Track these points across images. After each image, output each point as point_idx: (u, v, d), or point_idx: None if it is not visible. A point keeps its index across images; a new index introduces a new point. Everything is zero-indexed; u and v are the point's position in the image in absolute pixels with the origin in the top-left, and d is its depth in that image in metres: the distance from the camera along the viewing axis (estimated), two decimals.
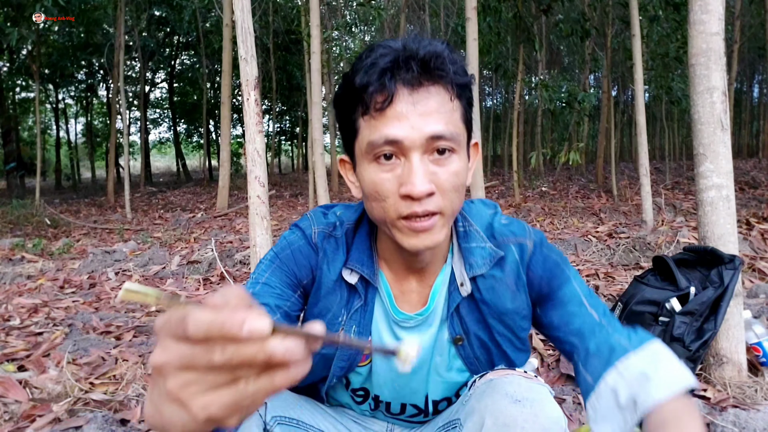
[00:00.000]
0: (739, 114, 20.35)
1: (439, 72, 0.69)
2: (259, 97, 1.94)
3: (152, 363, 0.38)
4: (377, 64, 0.68)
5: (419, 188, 0.68)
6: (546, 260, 0.83)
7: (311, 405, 0.93)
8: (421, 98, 0.68)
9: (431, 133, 0.68)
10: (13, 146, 13.84)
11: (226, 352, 0.35)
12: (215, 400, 0.37)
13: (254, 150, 1.92)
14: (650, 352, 0.73)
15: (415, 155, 0.69)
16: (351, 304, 0.84)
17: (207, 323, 0.35)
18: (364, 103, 0.69)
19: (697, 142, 1.74)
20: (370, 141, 0.70)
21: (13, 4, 8.58)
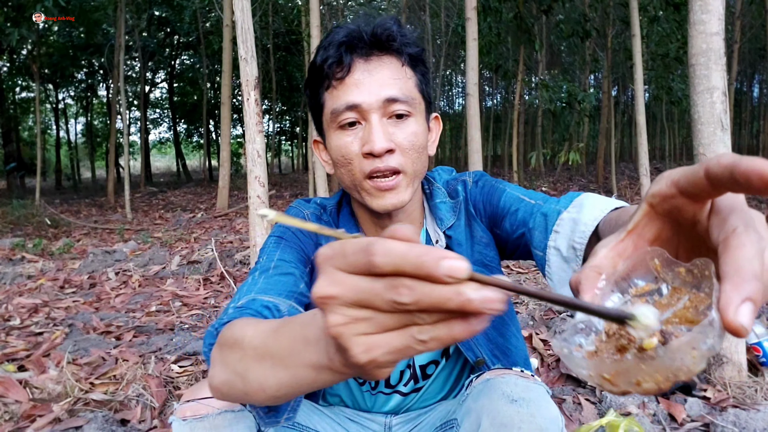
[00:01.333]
0: (739, 114, 20.36)
1: (389, 43, 0.77)
2: (259, 97, 1.94)
3: (318, 294, 0.34)
4: (333, 41, 0.76)
5: (378, 145, 0.74)
6: (483, 185, 0.91)
7: (307, 406, 0.93)
8: (375, 67, 0.76)
9: (387, 96, 0.75)
10: (13, 146, 13.86)
11: (415, 292, 0.31)
12: (383, 344, 0.33)
13: (254, 150, 1.92)
14: (577, 203, 0.72)
15: (374, 116, 0.76)
16: None
17: (401, 255, 0.31)
18: (326, 77, 0.77)
19: (697, 142, 1.74)
20: (333, 109, 0.77)
21: (13, 4, 8.59)
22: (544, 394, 0.73)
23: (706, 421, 1.52)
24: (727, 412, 1.52)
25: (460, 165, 15.08)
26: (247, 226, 5.74)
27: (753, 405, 1.56)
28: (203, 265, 3.86)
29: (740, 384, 1.67)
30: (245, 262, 3.88)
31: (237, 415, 0.76)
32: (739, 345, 1.71)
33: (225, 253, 4.08)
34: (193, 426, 0.74)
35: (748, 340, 1.77)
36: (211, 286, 3.39)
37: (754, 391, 1.64)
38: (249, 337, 0.52)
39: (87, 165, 24.22)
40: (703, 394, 1.67)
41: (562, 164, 9.12)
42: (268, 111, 18.13)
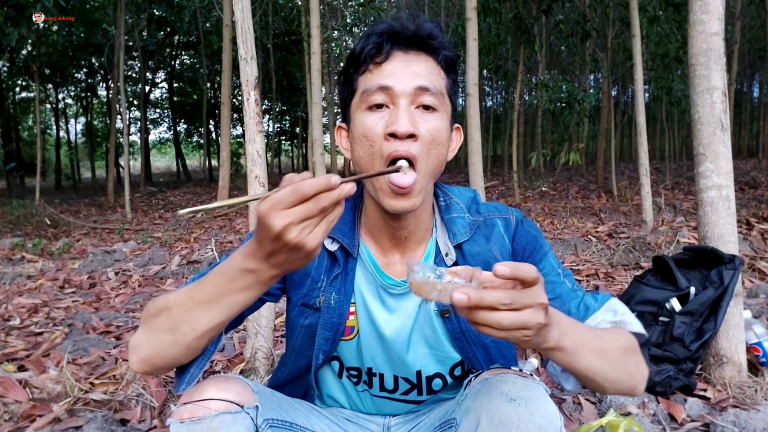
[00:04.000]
0: (739, 114, 20.35)
1: (429, 43, 0.80)
2: (259, 97, 1.94)
3: (274, 227, 0.59)
4: (375, 30, 0.80)
5: (403, 127, 0.77)
6: (528, 234, 0.92)
7: (305, 407, 0.93)
8: (412, 60, 0.80)
9: (419, 84, 0.78)
10: (13, 146, 13.85)
11: (327, 196, 0.58)
12: (321, 231, 0.61)
13: (254, 150, 1.92)
14: (612, 307, 0.86)
15: (403, 101, 0.78)
16: (331, 271, 0.89)
17: (316, 184, 0.58)
18: (364, 61, 0.80)
19: (697, 142, 1.74)
20: (365, 89, 0.80)
21: (13, 4, 8.58)
22: (543, 393, 0.73)
23: (706, 421, 1.52)
24: (727, 412, 1.52)
25: (460, 165, 15.08)
26: (247, 226, 5.74)
27: (753, 405, 1.56)
28: (203, 265, 3.86)
29: (740, 384, 1.67)
30: None
31: (235, 417, 0.76)
32: (739, 345, 1.71)
33: (225, 253, 4.08)
34: (191, 428, 0.73)
35: (748, 340, 1.77)
36: None
37: (754, 391, 1.64)
38: (172, 299, 0.72)
39: (87, 165, 24.21)
40: (703, 394, 1.67)
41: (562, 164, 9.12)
42: (268, 111, 18.12)
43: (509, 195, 8.11)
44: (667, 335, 1.74)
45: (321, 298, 0.89)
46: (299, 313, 0.91)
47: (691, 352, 1.68)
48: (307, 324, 0.90)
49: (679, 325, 1.72)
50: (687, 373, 1.68)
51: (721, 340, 1.71)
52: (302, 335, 0.91)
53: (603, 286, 2.95)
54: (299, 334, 0.91)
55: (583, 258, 3.64)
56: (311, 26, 4.69)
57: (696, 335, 1.69)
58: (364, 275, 0.90)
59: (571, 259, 3.62)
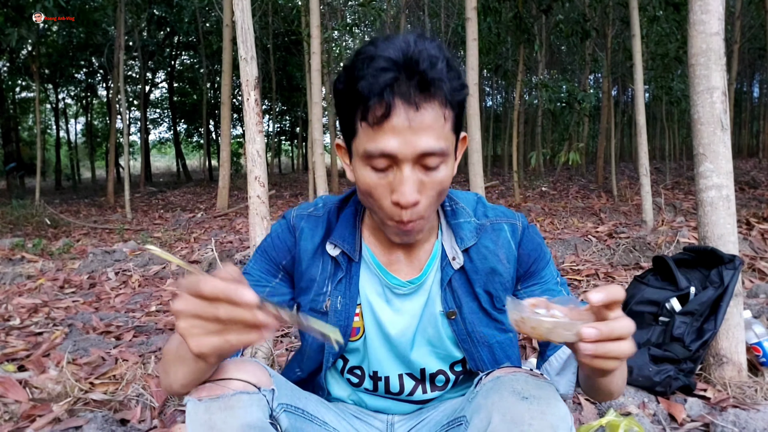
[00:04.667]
0: (739, 114, 20.36)
1: (436, 90, 0.73)
2: (259, 97, 1.94)
3: (173, 308, 0.56)
4: (379, 77, 0.71)
5: (408, 197, 0.75)
6: (533, 241, 0.93)
7: (315, 399, 0.95)
8: (416, 115, 0.72)
9: (423, 150, 0.73)
10: (13, 146, 13.85)
11: (226, 310, 0.53)
12: (207, 342, 0.56)
13: (254, 150, 1.92)
14: None
15: (407, 167, 0.74)
16: (335, 276, 0.91)
17: (219, 288, 0.53)
18: (364, 109, 0.73)
19: (697, 142, 1.74)
20: (367, 150, 0.75)
21: (12, 4, 8.58)
22: (554, 392, 0.74)
23: (706, 421, 1.52)
24: (727, 412, 1.52)
25: (460, 165, 15.01)
26: (247, 226, 5.74)
27: (753, 405, 1.56)
28: (203, 265, 3.86)
29: (740, 384, 1.67)
30: (245, 262, 3.89)
31: (252, 397, 0.76)
32: (739, 345, 1.71)
33: (225, 253, 4.08)
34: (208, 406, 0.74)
35: (748, 340, 1.77)
36: None
37: (754, 391, 1.64)
38: (167, 348, 0.76)
39: (87, 165, 24.21)
40: (703, 394, 1.67)
41: (562, 164, 9.12)
42: (268, 111, 18.12)
43: (509, 195, 8.11)
44: (667, 335, 1.74)
45: (327, 303, 0.90)
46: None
47: (691, 352, 1.68)
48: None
49: (679, 325, 1.72)
50: (687, 373, 1.68)
51: (721, 340, 1.71)
52: (312, 339, 0.93)
53: (603, 286, 2.94)
54: (310, 338, 0.93)
55: (583, 258, 3.64)
56: (311, 26, 4.70)
57: (696, 335, 1.69)
58: (368, 277, 0.91)
59: (571, 259, 3.62)
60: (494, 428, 0.70)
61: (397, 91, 0.71)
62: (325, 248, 0.90)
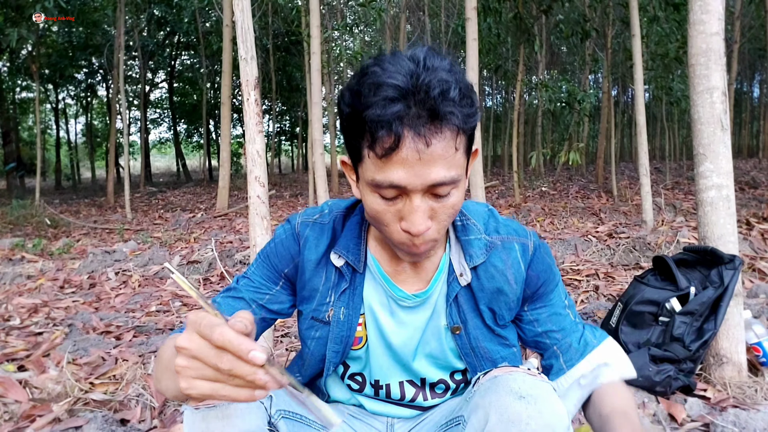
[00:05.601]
0: (739, 114, 20.36)
1: (447, 120, 0.68)
2: (259, 97, 1.94)
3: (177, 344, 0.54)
4: (387, 108, 0.66)
5: (418, 227, 0.72)
6: (543, 262, 0.91)
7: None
8: (426, 146, 0.68)
9: (433, 182, 0.70)
10: (13, 146, 13.84)
11: (230, 362, 0.51)
12: (198, 386, 0.54)
13: (254, 150, 1.92)
14: (608, 346, 0.93)
15: (417, 197, 0.71)
16: (338, 286, 0.89)
17: (229, 339, 0.51)
18: (371, 139, 0.68)
19: (697, 142, 1.74)
20: (374, 180, 0.71)
21: (12, 5, 8.58)
22: (552, 391, 0.74)
23: (706, 421, 1.52)
24: (727, 412, 1.52)
25: None
26: (247, 226, 5.74)
27: (753, 405, 1.56)
28: (203, 265, 3.86)
29: (740, 384, 1.67)
30: (245, 262, 3.88)
31: (249, 405, 0.77)
32: (739, 345, 1.71)
33: (225, 253, 4.08)
34: (205, 415, 0.74)
35: (748, 340, 1.77)
36: (211, 286, 3.39)
37: (754, 391, 1.64)
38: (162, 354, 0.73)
39: (87, 165, 24.21)
40: (703, 394, 1.67)
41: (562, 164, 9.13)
42: (268, 111, 18.12)
43: (509, 195, 8.11)
44: (667, 335, 1.74)
45: (330, 312, 0.89)
46: (310, 326, 0.91)
47: (691, 352, 1.68)
48: (317, 336, 0.91)
49: (679, 325, 1.72)
50: (687, 373, 1.68)
51: (721, 340, 1.71)
52: (314, 346, 0.92)
53: (603, 286, 2.95)
54: (311, 345, 0.92)
55: (583, 258, 3.64)
56: (311, 26, 4.70)
57: (696, 335, 1.69)
58: (373, 287, 0.90)
59: (571, 259, 3.62)
60: (491, 428, 0.70)
61: (406, 123, 0.66)
62: (329, 258, 0.88)
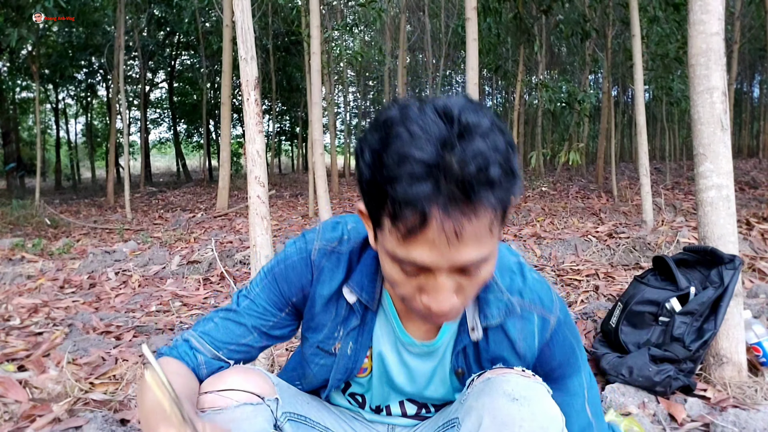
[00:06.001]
0: (739, 114, 20.36)
1: (484, 201, 0.57)
2: (259, 98, 1.94)
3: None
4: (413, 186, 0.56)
5: (441, 307, 0.64)
6: (563, 343, 0.83)
7: (318, 403, 0.95)
8: (457, 228, 0.58)
9: (463, 264, 0.61)
10: (13, 146, 13.84)
11: None
12: None
13: (254, 150, 1.92)
14: None
15: (442, 275, 0.63)
16: (348, 322, 0.84)
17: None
18: (393, 213, 0.59)
19: (697, 142, 1.74)
20: (395, 254, 0.63)
21: (12, 5, 8.58)
22: (545, 393, 0.73)
23: (706, 421, 1.52)
24: (727, 412, 1.52)
25: None
26: (246, 226, 5.74)
27: (753, 405, 1.56)
28: (203, 265, 3.86)
29: (740, 384, 1.67)
30: (245, 262, 3.88)
31: (256, 409, 0.76)
32: (739, 345, 1.71)
33: (225, 253, 4.08)
34: (212, 418, 0.74)
35: (748, 340, 1.77)
36: (211, 286, 3.39)
37: (754, 391, 1.64)
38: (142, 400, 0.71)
39: (87, 165, 24.17)
40: (703, 394, 1.67)
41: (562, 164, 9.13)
42: (268, 111, 18.12)
43: None
44: (667, 335, 1.74)
45: (337, 346, 0.85)
46: (315, 353, 0.88)
47: (691, 352, 1.68)
48: (322, 363, 0.88)
49: (679, 325, 1.72)
50: (687, 373, 1.68)
51: (721, 340, 1.71)
52: (317, 370, 0.89)
53: (603, 286, 2.95)
54: (314, 368, 0.89)
55: (583, 258, 3.64)
56: (311, 26, 4.69)
57: (696, 335, 1.69)
58: (383, 326, 0.86)
59: (571, 259, 3.62)
60: (485, 430, 0.70)
61: (435, 202, 0.56)
62: (341, 292, 0.82)
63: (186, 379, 0.78)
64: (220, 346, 0.84)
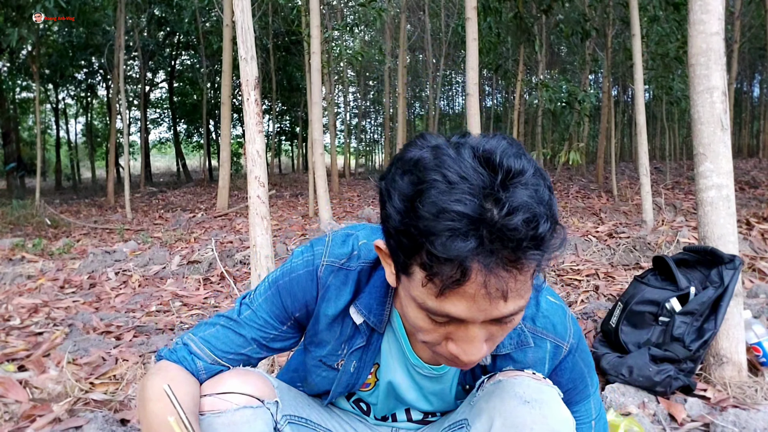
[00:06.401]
0: (739, 114, 20.35)
1: (533, 258, 0.53)
2: (259, 97, 1.94)
3: None
4: (455, 243, 0.52)
5: (472, 358, 0.61)
6: (573, 369, 0.81)
7: (320, 405, 0.94)
8: (497, 281, 0.54)
9: (500, 317, 0.58)
10: (13, 146, 13.84)
11: None
12: None
13: (254, 150, 1.92)
14: None
15: (475, 326, 0.59)
16: (353, 341, 0.82)
17: None
18: (428, 266, 0.55)
19: (697, 142, 1.74)
20: (426, 305, 0.58)
21: (12, 5, 8.58)
22: (556, 396, 0.73)
23: (706, 421, 1.52)
24: (727, 412, 1.52)
25: None
26: (246, 226, 5.74)
27: (753, 405, 1.56)
28: (203, 265, 3.86)
29: (740, 384, 1.67)
30: (245, 262, 3.88)
31: (256, 412, 0.76)
32: (739, 345, 1.71)
33: (225, 253, 4.08)
34: (211, 421, 0.74)
35: (748, 340, 1.77)
36: (211, 286, 3.39)
37: (754, 391, 1.64)
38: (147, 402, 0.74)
39: (87, 165, 24.18)
40: (703, 394, 1.67)
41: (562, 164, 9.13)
42: (268, 111, 18.12)
43: None
44: (667, 335, 1.74)
45: (340, 363, 0.84)
46: (317, 365, 0.87)
47: (691, 352, 1.68)
48: (324, 375, 0.87)
49: (679, 325, 1.72)
50: (687, 373, 1.68)
51: (721, 340, 1.71)
52: (318, 381, 0.88)
53: (603, 286, 2.95)
54: (316, 379, 0.88)
55: (583, 258, 3.64)
56: (311, 26, 4.69)
57: (696, 335, 1.69)
58: (393, 346, 0.84)
59: (571, 259, 3.62)
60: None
61: (478, 259, 0.52)
62: (348, 311, 0.80)
63: (188, 386, 0.77)
64: (220, 355, 0.83)
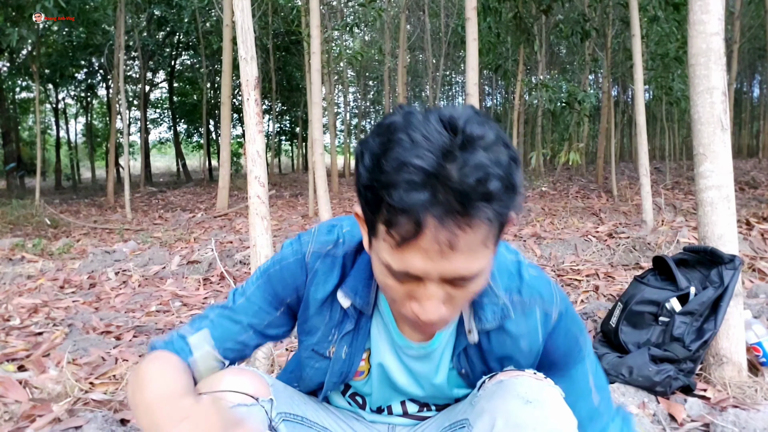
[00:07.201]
0: (739, 114, 20.37)
1: (482, 213, 0.56)
2: (259, 97, 1.94)
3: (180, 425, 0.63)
4: (410, 194, 0.55)
5: (429, 316, 0.64)
6: (567, 334, 0.83)
7: (316, 403, 0.94)
8: (452, 238, 0.57)
9: (453, 276, 0.61)
10: (13, 146, 13.85)
11: None
12: None
13: (254, 150, 1.92)
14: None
15: (432, 284, 0.63)
16: (342, 326, 0.83)
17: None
18: (388, 220, 0.59)
19: (697, 142, 1.74)
20: (388, 264, 0.63)
21: (12, 5, 8.58)
22: (558, 396, 0.73)
23: (706, 421, 1.52)
24: (727, 412, 1.52)
25: None
26: (246, 226, 5.74)
27: (753, 405, 1.56)
28: (203, 265, 3.86)
29: (740, 384, 1.67)
30: (245, 262, 3.88)
31: (250, 410, 0.76)
32: (739, 345, 1.71)
33: (225, 253, 4.08)
34: None
35: (748, 340, 1.77)
36: (211, 286, 3.39)
37: (754, 391, 1.64)
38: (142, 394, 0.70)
39: (87, 165, 24.18)
40: (703, 394, 1.67)
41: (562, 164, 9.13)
42: (268, 111, 18.12)
43: None
44: (667, 335, 1.74)
45: (332, 349, 0.85)
46: (309, 356, 0.88)
47: (691, 352, 1.68)
48: (317, 367, 0.88)
49: (679, 325, 1.72)
50: (687, 373, 1.68)
51: (721, 340, 1.71)
52: (312, 373, 0.89)
53: (603, 286, 2.95)
54: (309, 371, 0.89)
55: (583, 258, 3.64)
56: (311, 26, 4.69)
57: (696, 335, 1.69)
58: (381, 329, 0.85)
59: (571, 259, 3.62)
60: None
61: (430, 211, 0.55)
62: (335, 296, 0.82)
63: (184, 374, 0.78)
64: (216, 344, 0.84)
